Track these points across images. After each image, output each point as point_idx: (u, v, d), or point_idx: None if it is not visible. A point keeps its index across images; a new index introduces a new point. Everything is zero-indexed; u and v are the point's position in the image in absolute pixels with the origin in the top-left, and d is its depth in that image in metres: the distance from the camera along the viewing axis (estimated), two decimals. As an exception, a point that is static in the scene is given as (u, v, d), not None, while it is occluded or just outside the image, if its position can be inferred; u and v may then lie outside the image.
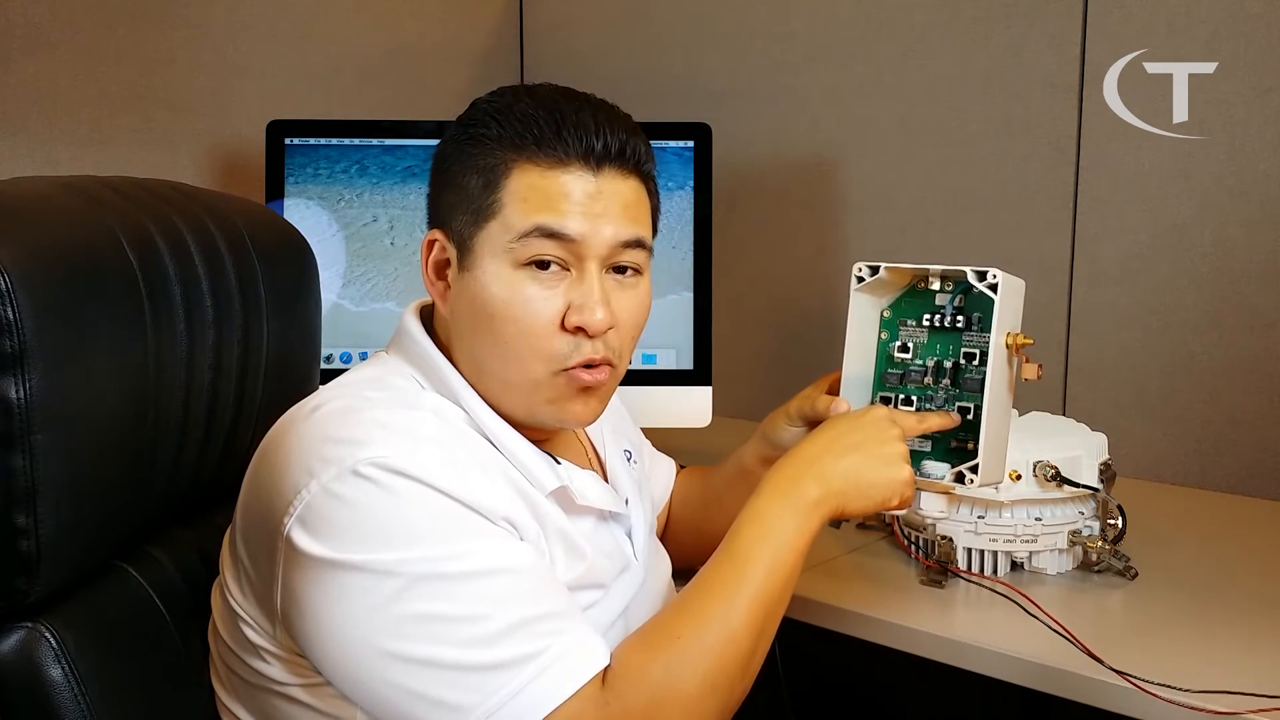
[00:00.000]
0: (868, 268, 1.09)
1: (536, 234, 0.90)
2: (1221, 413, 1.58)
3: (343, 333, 1.63)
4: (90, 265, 0.89)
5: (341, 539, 0.82)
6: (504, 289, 0.91)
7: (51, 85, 1.57)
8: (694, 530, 1.23)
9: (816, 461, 0.96)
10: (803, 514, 0.93)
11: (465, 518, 0.85)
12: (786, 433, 1.11)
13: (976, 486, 1.01)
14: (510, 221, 0.91)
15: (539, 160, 0.91)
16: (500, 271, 0.91)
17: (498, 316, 0.91)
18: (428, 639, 0.81)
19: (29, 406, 0.82)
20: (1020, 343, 1.02)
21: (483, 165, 0.93)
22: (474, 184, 0.93)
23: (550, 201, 0.91)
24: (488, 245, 0.92)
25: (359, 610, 0.82)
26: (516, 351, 0.92)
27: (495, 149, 0.93)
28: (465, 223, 0.93)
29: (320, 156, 1.64)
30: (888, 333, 1.11)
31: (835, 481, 0.95)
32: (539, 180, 0.91)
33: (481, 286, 0.92)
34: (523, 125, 0.92)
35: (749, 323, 2.00)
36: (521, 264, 0.91)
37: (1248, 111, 1.52)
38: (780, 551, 0.91)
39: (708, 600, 0.89)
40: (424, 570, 0.82)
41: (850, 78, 1.85)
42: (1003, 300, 1.01)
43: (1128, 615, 1.19)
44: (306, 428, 0.88)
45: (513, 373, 0.93)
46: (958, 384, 1.06)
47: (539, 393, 0.93)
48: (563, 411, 0.94)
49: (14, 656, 0.85)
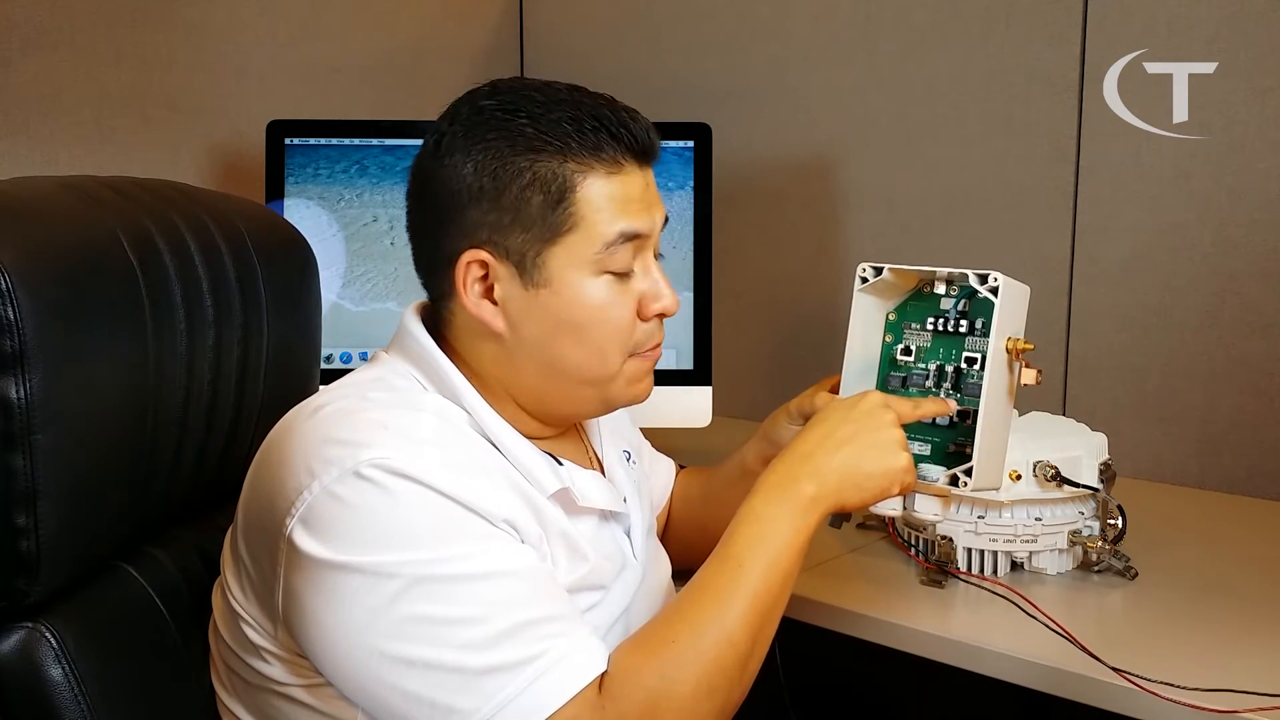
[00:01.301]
0: (871, 268, 1.08)
1: (620, 240, 0.92)
2: (1221, 413, 1.58)
3: (343, 333, 1.63)
4: (90, 265, 0.89)
5: (342, 540, 0.82)
6: (594, 297, 0.93)
7: (51, 85, 1.57)
8: (696, 529, 1.23)
9: (810, 458, 0.96)
10: (799, 513, 0.93)
11: (466, 520, 0.85)
12: (787, 431, 1.10)
13: (970, 490, 1.01)
14: (594, 233, 0.92)
15: (597, 167, 0.91)
16: (584, 282, 0.92)
17: (589, 324, 0.93)
18: (427, 641, 0.81)
19: (29, 406, 0.82)
20: (1020, 348, 1.02)
21: (540, 181, 0.90)
22: (534, 201, 0.91)
23: (624, 206, 0.92)
24: (566, 258, 0.92)
25: (359, 611, 0.82)
26: (605, 351, 0.94)
27: (544, 161, 0.91)
28: (527, 241, 0.91)
29: (320, 156, 1.64)
30: (892, 335, 1.10)
31: (831, 477, 0.94)
32: (606, 188, 0.92)
33: (567, 301, 0.92)
34: (570, 135, 0.91)
35: (749, 323, 2.00)
36: (604, 271, 0.93)
37: (1248, 111, 1.52)
38: (777, 552, 0.91)
39: (704, 603, 0.88)
40: (424, 572, 0.82)
41: (850, 78, 1.85)
42: (1004, 304, 1.01)
43: (1128, 615, 1.19)
44: (309, 428, 0.88)
45: (597, 370, 0.95)
46: (959, 388, 1.05)
47: (617, 380, 0.96)
48: (637, 389, 0.98)
49: (14, 656, 0.85)
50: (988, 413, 1.01)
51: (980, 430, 1.01)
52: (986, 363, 1.01)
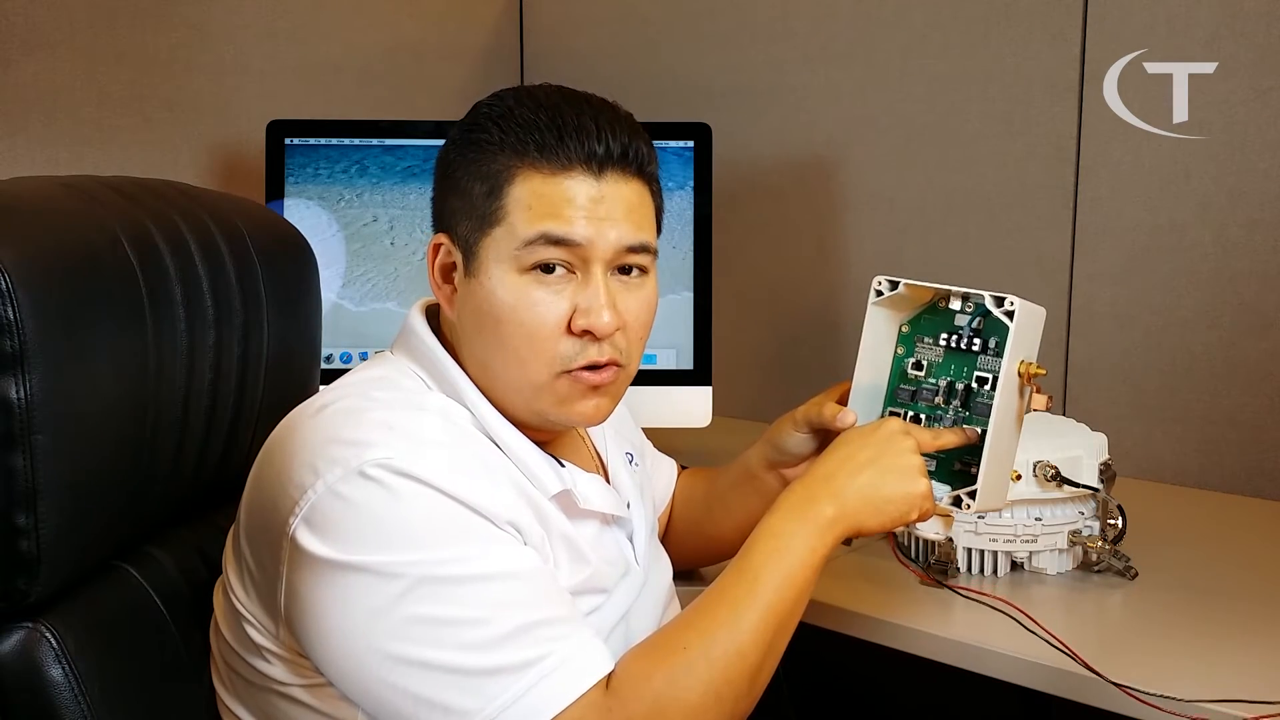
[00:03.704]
0: (887, 282, 1.07)
1: (542, 241, 0.91)
2: (1221, 413, 1.58)
3: (343, 333, 1.63)
4: (90, 265, 0.89)
5: (345, 540, 0.82)
6: (510, 294, 0.91)
7: (51, 85, 1.57)
8: (697, 531, 1.23)
9: (831, 480, 0.95)
10: (817, 533, 0.93)
11: (469, 521, 0.85)
12: (792, 438, 1.10)
13: (973, 512, 1.01)
14: (515, 228, 0.91)
15: (541, 166, 0.91)
16: (505, 277, 0.92)
17: (504, 321, 0.92)
18: (429, 642, 0.81)
19: (29, 406, 0.82)
20: (1033, 372, 1.01)
21: (485, 172, 0.93)
22: (478, 190, 0.93)
23: (554, 208, 0.91)
24: (493, 251, 0.92)
25: (361, 612, 0.82)
26: (521, 355, 0.92)
27: (498, 155, 0.92)
28: (470, 229, 0.94)
29: (320, 156, 1.64)
30: (904, 347, 1.09)
31: (850, 499, 0.94)
32: (542, 186, 0.91)
33: (488, 292, 0.92)
34: (524, 131, 0.91)
35: (749, 323, 2.00)
36: (527, 269, 0.91)
37: (1248, 111, 1.52)
38: (792, 569, 0.91)
39: (717, 613, 0.88)
40: (427, 573, 0.82)
41: (850, 78, 1.85)
42: (1018, 328, 1.00)
43: (1128, 616, 1.19)
44: (313, 427, 0.88)
45: (517, 376, 0.93)
46: (968, 406, 1.04)
47: (544, 395, 0.93)
48: (570, 412, 0.94)
49: (14, 656, 0.85)
50: (995, 435, 1.00)
51: (987, 452, 1.00)
52: (998, 386, 1.00)
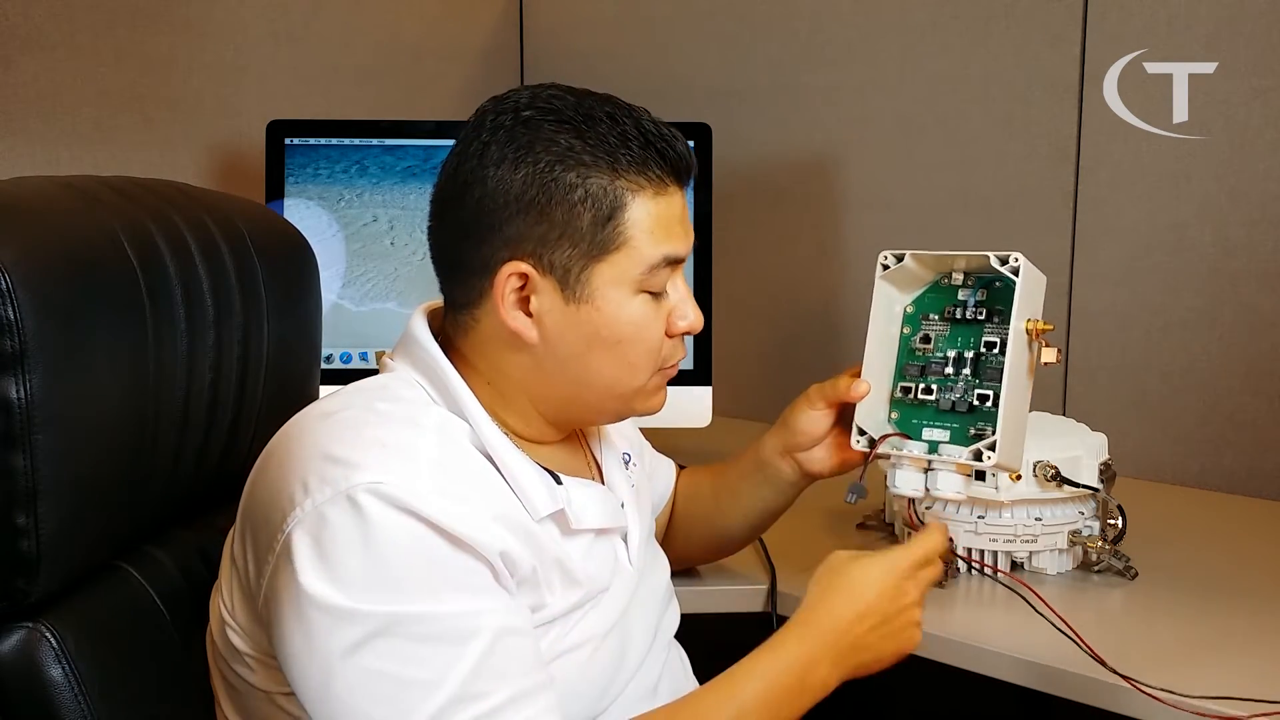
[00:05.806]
0: (893, 255, 1.11)
1: (663, 263, 0.93)
2: (1221, 413, 1.58)
3: (343, 333, 1.63)
4: (90, 265, 0.89)
5: (321, 571, 0.81)
6: (635, 315, 0.93)
7: (51, 85, 1.57)
8: (704, 525, 1.23)
9: (839, 639, 0.94)
10: (810, 694, 0.93)
11: (450, 565, 0.83)
12: (806, 415, 1.12)
13: (992, 465, 1.01)
14: (640, 253, 0.92)
15: (645, 187, 0.92)
16: (626, 301, 0.93)
17: (626, 340, 0.93)
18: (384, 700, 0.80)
19: (29, 406, 0.82)
20: (1040, 328, 1.03)
21: (590, 196, 0.90)
22: (583, 216, 0.90)
23: (670, 229, 0.93)
24: (609, 275, 0.92)
25: (322, 651, 0.81)
26: (637, 367, 0.95)
27: (595, 177, 0.90)
28: (573, 256, 0.91)
29: (320, 156, 1.64)
30: (910, 327, 1.12)
31: (851, 663, 0.95)
32: (654, 209, 0.92)
33: (608, 317, 0.92)
34: (615, 148, 0.90)
35: (749, 323, 2.00)
36: (643, 290, 0.93)
37: (1248, 111, 1.52)
38: (778, 713, 0.92)
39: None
40: (392, 625, 0.80)
41: (850, 78, 1.85)
42: (1024, 284, 1.03)
43: (1128, 615, 1.19)
44: (312, 437, 0.87)
45: (626, 385, 0.96)
46: (978, 373, 1.06)
47: (639, 395, 0.98)
48: (652, 403, 1.00)
49: (14, 656, 0.85)
50: (1010, 392, 1.02)
51: (1003, 407, 1.02)
52: (1008, 342, 1.03)
